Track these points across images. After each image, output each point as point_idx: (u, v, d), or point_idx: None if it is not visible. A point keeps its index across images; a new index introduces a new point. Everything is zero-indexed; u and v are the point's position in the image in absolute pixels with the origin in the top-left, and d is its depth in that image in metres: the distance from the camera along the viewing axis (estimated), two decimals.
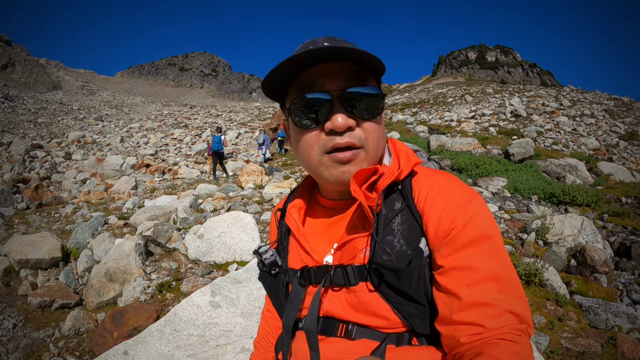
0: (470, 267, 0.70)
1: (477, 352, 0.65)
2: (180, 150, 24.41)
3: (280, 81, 0.81)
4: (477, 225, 0.73)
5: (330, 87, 0.78)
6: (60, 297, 4.22)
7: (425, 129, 21.04)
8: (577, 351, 3.12)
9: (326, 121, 0.78)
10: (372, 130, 0.80)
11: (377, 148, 0.83)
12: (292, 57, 0.73)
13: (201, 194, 9.20)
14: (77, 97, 68.11)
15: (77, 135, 29.07)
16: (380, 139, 0.83)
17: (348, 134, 0.78)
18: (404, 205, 0.82)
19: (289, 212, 0.98)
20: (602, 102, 31.48)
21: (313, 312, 0.85)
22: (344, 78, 0.78)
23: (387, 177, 0.82)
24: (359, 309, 0.81)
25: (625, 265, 4.74)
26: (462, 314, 0.69)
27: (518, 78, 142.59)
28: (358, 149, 0.79)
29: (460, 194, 0.78)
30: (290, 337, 0.93)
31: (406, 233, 0.79)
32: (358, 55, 0.73)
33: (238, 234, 5.02)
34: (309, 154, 0.83)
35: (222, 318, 2.24)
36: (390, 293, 0.78)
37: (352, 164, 0.80)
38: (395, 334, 0.79)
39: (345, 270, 0.83)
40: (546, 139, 18.53)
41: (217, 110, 54.22)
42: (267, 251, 1.00)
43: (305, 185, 1.05)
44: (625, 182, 9.92)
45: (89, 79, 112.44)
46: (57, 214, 9.11)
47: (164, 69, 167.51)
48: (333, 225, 0.92)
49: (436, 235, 0.75)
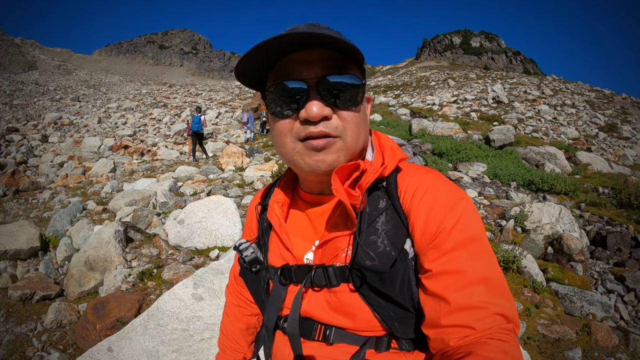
0: (459, 270, 0.69)
1: (467, 351, 0.64)
2: (159, 130, 23.81)
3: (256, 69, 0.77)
4: (465, 227, 0.72)
5: (307, 75, 0.74)
6: (40, 288, 4.13)
7: (407, 112, 21.12)
8: (553, 338, 3.23)
9: (301, 110, 0.74)
10: (350, 120, 0.76)
11: (357, 139, 0.78)
12: (261, 43, 0.68)
13: (181, 176, 9.04)
14: (54, 77, 65.63)
15: (53, 117, 27.98)
16: (360, 129, 0.79)
17: (323, 123, 0.74)
18: (388, 203, 0.78)
19: (271, 207, 0.93)
20: (584, 93, 32.18)
21: (294, 315, 0.83)
22: (321, 66, 0.73)
23: (371, 173, 0.78)
24: (338, 310, 0.80)
25: (600, 255, 4.91)
26: (450, 317, 0.67)
27: (501, 65, 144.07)
28: (334, 138, 0.75)
29: (448, 195, 0.75)
30: (272, 337, 0.91)
31: (390, 233, 0.76)
32: (332, 42, 0.69)
33: (219, 219, 4.97)
34: (283, 142, 0.79)
35: (205, 311, 2.22)
36: (371, 295, 0.76)
37: (326, 152, 0.75)
38: (374, 337, 0.78)
39: (326, 271, 0.80)
40: (527, 126, 18.89)
41: (197, 89, 53.04)
42: (247, 248, 0.96)
43: (287, 178, 1.00)
44: (603, 172, 10.23)
45: (65, 58, 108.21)
46: (35, 200, 8.88)
47: (142, 46, 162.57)
48: (314, 222, 0.89)
49: (423, 238, 0.73)
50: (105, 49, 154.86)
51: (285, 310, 0.88)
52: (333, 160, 0.76)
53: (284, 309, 0.89)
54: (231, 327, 1.14)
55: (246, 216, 1.14)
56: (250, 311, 1.13)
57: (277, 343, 0.90)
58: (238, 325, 1.13)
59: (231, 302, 1.16)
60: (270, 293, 0.91)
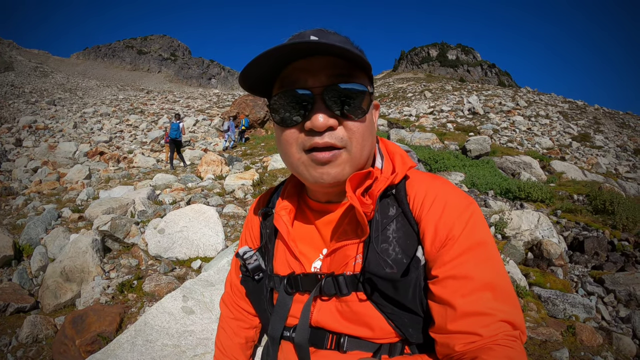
0: (465, 276, 0.69)
1: (472, 356, 0.65)
2: (136, 137, 23.26)
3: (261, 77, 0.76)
4: (473, 232, 0.72)
5: (313, 83, 0.72)
6: (14, 300, 3.92)
7: (384, 123, 21.37)
8: (540, 340, 3.30)
9: (306, 120, 0.73)
10: (356, 130, 0.74)
11: (362, 149, 0.77)
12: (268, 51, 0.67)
13: (159, 184, 8.84)
14: (30, 79, 63.56)
15: (28, 120, 27.03)
16: (366, 139, 0.77)
17: (328, 134, 0.72)
18: (399, 211, 0.78)
19: (278, 213, 0.91)
20: (557, 104, 33.41)
21: (304, 324, 0.81)
22: (327, 74, 0.72)
23: (382, 181, 0.78)
24: (351, 320, 0.78)
25: (578, 259, 5.08)
26: (457, 323, 0.67)
27: (477, 77, 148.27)
28: (339, 149, 0.74)
29: (457, 201, 0.76)
30: (277, 348, 0.88)
31: (402, 241, 0.76)
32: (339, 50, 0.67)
33: (201, 229, 4.87)
34: (289, 152, 0.77)
35: (197, 325, 2.14)
36: (384, 303, 0.75)
37: (331, 165, 0.74)
38: (387, 344, 0.77)
39: (336, 280, 0.79)
40: (502, 136, 19.42)
41: (175, 96, 52.22)
42: (251, 255, 0.94)
43: (293, 184, 0.98)
44: (577, 180, 10.56)
45: (42, 60, 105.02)
46: (8, 206, 8.52)
47: (121, 51, 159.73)
48: (322, 230, 0.88)
49: (433, 245, 0.73)
50: (83, 52, 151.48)
51: (291, 319, 0.86)
52: (337, 173, 0.75)
53: (290, 318, 0.86)
54: (229, 343, 1.07)
55: (245, 222, 1.10)
56: (249, 324, 1.09)
57: (283, 353, 0.87)
58: (237, 340, 1.07)
59: (227, 315, 1.11)
60: (276, 302, 0.89)
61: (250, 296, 1.00)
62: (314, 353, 0.81)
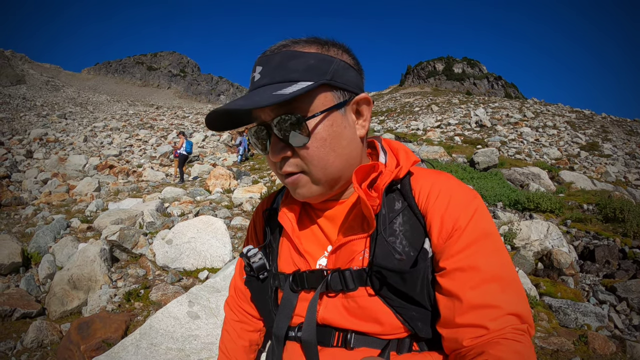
0: (472, 267, 0.69)
1: (479, 351, 0.64)
2: (145, 151, 23.56)
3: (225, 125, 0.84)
4: (479, 223, 0.73)
5: (264, 118, 0.77)
6: (21, 305, 3.94)
7: (392, 137, 21.42)
8: (552, 349, 3.25)
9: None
10: (307, 155, 0.75)
11: (324, 167, 0.77)
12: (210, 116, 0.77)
13: (167, 197, 8.92)
14: (41, 92, 64.90)
15: (39, 133, 27.47)
16: (326, 156, 0.76)
17: (287, 163, 0.78)
18: (404, 205, 0.79)
19: (283, 211, 0.92)
20: (564, 114, 33.23)
21: (310, 321, 0.80)
22: (270, 109, 0.75)
23: (387, 174, 0.79)
24: (358, 315, 0.78)
25: (589, 268, 4.99)
26: (464, 316, 0.67)
27: (483, 90, 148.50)
28: (298, 174, 0.78)
29: (462, 194, 0.77)
30: (281, 347, 0.87)
31: (408, 234, 0.77)
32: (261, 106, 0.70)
33: (208, 240, 4.87)
34: (275, 172, 0.84)
35: (202, 330, 2.12)
36: (392, 297, 0.75)
37: (299, 187, 0.80)
38: (395, 340, 0.76)
39: (343, 275, 0.79)
40: (510, 148, 19.29)
41: (184, 111, 52.95)
42: (255, 254, 0.94)
43: None
44: (586, 190, 10.43)
45: (54, 74, 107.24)
46: (17, 215, 8.62)
47: (131, 67, 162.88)
48: (326, 227, 0.88)
49: (440, 237, 0.73)
50: (94, 68, 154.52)
51: (296, 318, 0.85)
52: (306, 192, 0.80)
53: (295, 317, 0.86)
54: (232, 346, 1.07)
55: (249, 223, 1.11)
56: (253, 327, 1.08)
57: (289, 353, 0.86)
58: (240, 343, 1.07)
59: (231, 318, 1.10)
60: (280, 301, 0.88)
61: (255, 297, 1.00)
62: (321, 351, 0.80)
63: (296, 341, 0.83)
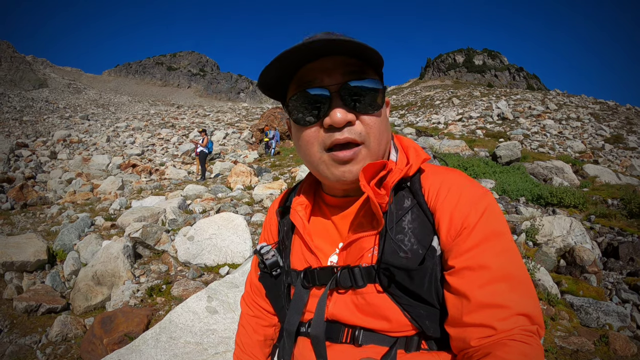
0: (482, 266, 0.68)
1: (486, 352, 0.64)
2: (167, 150, 24.06)
3: (278, 79, 0.79)
4: (489, 222, 0.72)
5: (329, 82, 0.75)
6: (46, 301, 4.09)
7: (413, 131, 21.18)
8: (571, 349, 3.17)
9: (325, 117, 0.76)
10: (373, 125, 0.77)
11: (379, 143, 0.79)
12: (282, 53, 0.71)
13: (189, 194, 9.06)
14: (63, 95, 66.95)
15: (62, 134, 28.40)
16: (382, 133, 0.80)
17: (347, 129, 0.75)
18: (414, 202, 0.79)
19: (294, 209, 0.93)
20: (588, 106, 32.18)
21: (319, 317, 0.82)
22: (341, 72, 0.75)
23: (396, 172, 0.79)
24: (367, 312, 0.78)
25: (613, 265, 4.83)
26: (472, 315, 0.66)
27: (505, 81, 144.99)
28: (359, 146, 0.76)
29: (472, 191, 0.76)
30: (292, 342, 0.89)
31: (417, 231, 0.76)
32: (351, 47, 0.70)
33: (229, 236, 4.94)
34: (310, 151, 0.80)
35: (220, 324, 2.17)
36: (400, 294, 0.75)
37: (353, 163, 0.77)
38: (404, 337, 0.77)
39: (352, 272, 0.79)
40: (532, 141, 18.83)
41: (205, 110, 53.69)
42: (269, 251, 0.96)
43: (309, 182, 1.00)
44: (611, 184, 10.11)
45: (75, 77, 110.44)
46: (43, 214, 8.89)
47: (151, 67, 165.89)
48: (337, 224, 0.89)
49: (448, 234, 0.73)
50: (115, 70, 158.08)
51: (308, 314, 0.87)
52: (359, 170, 0.77)
53: (306, 313, 0.87)
54: (248, 340, 1.10)
55: (264, 221, 1.13)
56: (268, 322, 1.11)
57: (300, 348, 0.87)
58: (255, 337, 1.10)
59: (247, 312, 1.13)
60: (292, 297, 0.90)
61: (269, 293, 1.02)
62: (329, 347, 0.81)
63: (307, 337, 0.85)
